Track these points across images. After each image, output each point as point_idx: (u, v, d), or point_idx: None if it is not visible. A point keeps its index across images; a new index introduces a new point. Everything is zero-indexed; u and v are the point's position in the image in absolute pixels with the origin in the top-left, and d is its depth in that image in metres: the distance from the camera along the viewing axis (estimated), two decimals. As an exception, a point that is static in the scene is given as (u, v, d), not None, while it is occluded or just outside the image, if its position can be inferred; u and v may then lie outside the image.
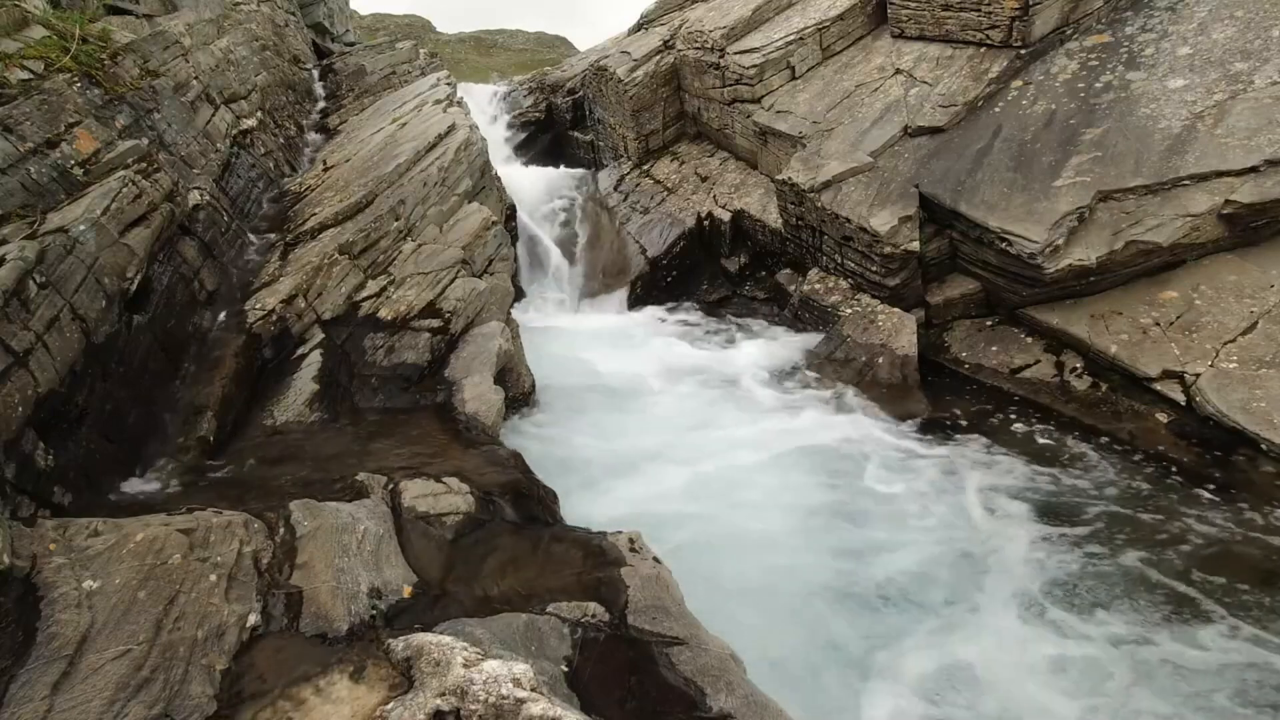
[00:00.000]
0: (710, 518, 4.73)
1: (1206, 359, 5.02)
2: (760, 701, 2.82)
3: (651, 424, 5.92)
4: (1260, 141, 5.29)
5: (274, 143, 8.66)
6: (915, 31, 7.89)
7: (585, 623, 3.05)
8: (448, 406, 5.17)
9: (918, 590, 4.13)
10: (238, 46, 8.92)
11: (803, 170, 7.23)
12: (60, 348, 3.93)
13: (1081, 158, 5.88)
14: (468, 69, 23.32)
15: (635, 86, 9.95)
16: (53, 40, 5.72)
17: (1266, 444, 4.56)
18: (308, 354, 5.47)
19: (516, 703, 2.12)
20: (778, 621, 3.95)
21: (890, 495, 4.91)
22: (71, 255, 4.23)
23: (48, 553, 2.91)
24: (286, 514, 3.37)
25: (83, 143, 5.13)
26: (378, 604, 3.02)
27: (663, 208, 9.43)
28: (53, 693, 2.39)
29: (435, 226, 6.95)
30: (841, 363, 6.47)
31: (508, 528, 3.82)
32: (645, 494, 4.97)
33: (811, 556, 4.40)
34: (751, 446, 5.48)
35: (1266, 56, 5.75)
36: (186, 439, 4.51)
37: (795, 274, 7.91)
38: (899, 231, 6.32)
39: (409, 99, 9.83)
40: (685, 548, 4.35)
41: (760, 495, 4.94)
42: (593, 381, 6.64)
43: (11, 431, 3.48)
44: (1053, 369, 5.77)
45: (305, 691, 2.43)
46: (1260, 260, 5.37)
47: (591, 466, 5.27)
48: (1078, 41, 6.82)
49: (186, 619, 2.73)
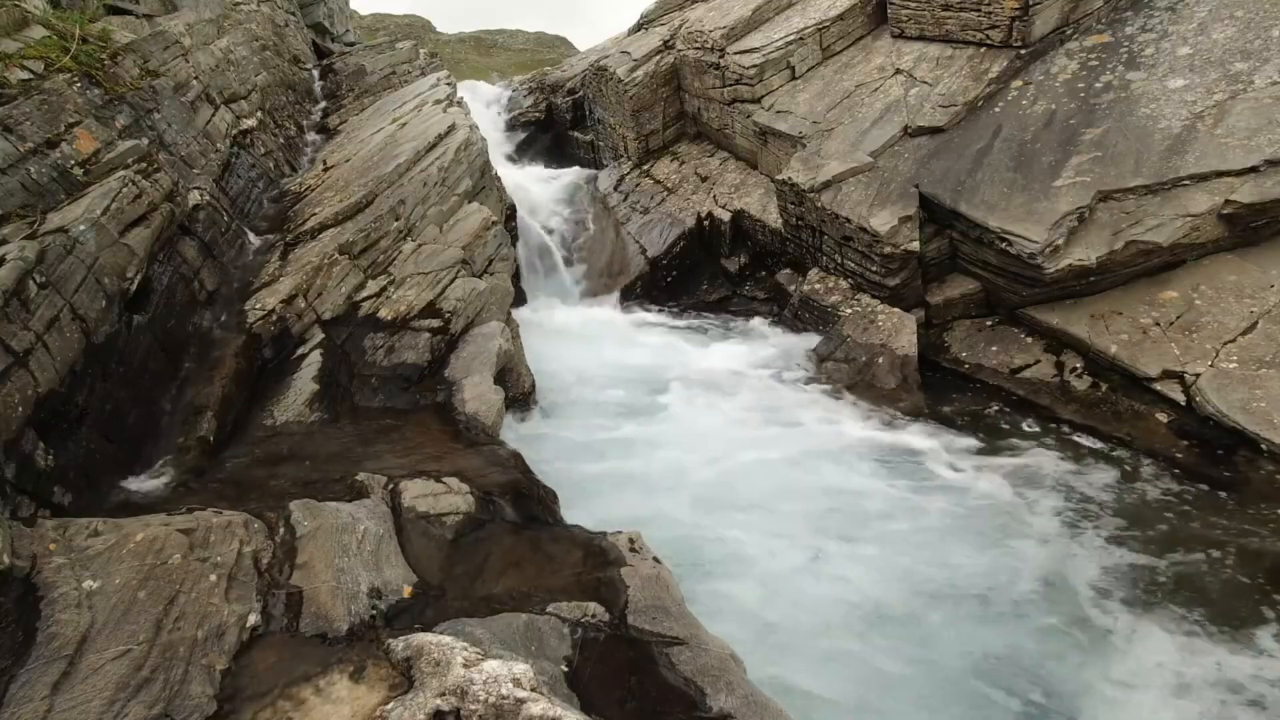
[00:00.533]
0: (710, 517, 4.73)
1: (1206, 359, 5.02)
2: (760, 701, 2.82)
3: (652, 423, 5.92)
4: (1260, 141, 5.29)
5: (274, 143, 8.66)
6: (915, 31, 7.89)
7: (585, 623, 3.05)
8: (448, 406, 5.17)
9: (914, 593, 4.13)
10: (238, 46, 8.92)
11: (803, 170, 7.23)
12: (60, 348, 3.93)
13: (1081, 158, 5.88)
14: (468, 69, 23.31)
15: (635, 86, 9.95)
16: (53, 40, 5.72)
17: (1266, 444, 4.56)
18: (308, 354, 5.47)
19: (516, 703, 2.12)
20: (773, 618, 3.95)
21: (889, 496, 4.91)
22: (71, 255, 4.23)
23: (48, 553, 2.92)
24: (286, 514, 3.37)
25: (83, 143, 5.13)
26: (378, 604, 3.02)
27: (663, 208, 9.43)
28: (53, 693, 2.39)
29: (435, 226, 6.95)
30: (841, 363, 6.47)
31: (508, 528, 3.82)
32: (645, 494, 4.97)
33: (805, 555, 4.40)
34: (751, 446, 5.48)
35: (1266, 56, 5.75)
36: (186, 439, 4.51)
37: (795, 274, 7.91)
38: (899, 231, 6.32)
39: (409, 99, 9.83)
40: (685, 547, 4.35)
41: (759, 495, 4.93)
42: (593, 381, 6.65)
43: (11, 431, 3.48)
44: (1053, 369, 5.77)
45: (305, 691, 2.43)
46: (1260, 260, 5.37)
47: (591, 466, 5.27)
48: (1078, 41, 6.82)
49: (186, 619, 2.73)
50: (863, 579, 4.21)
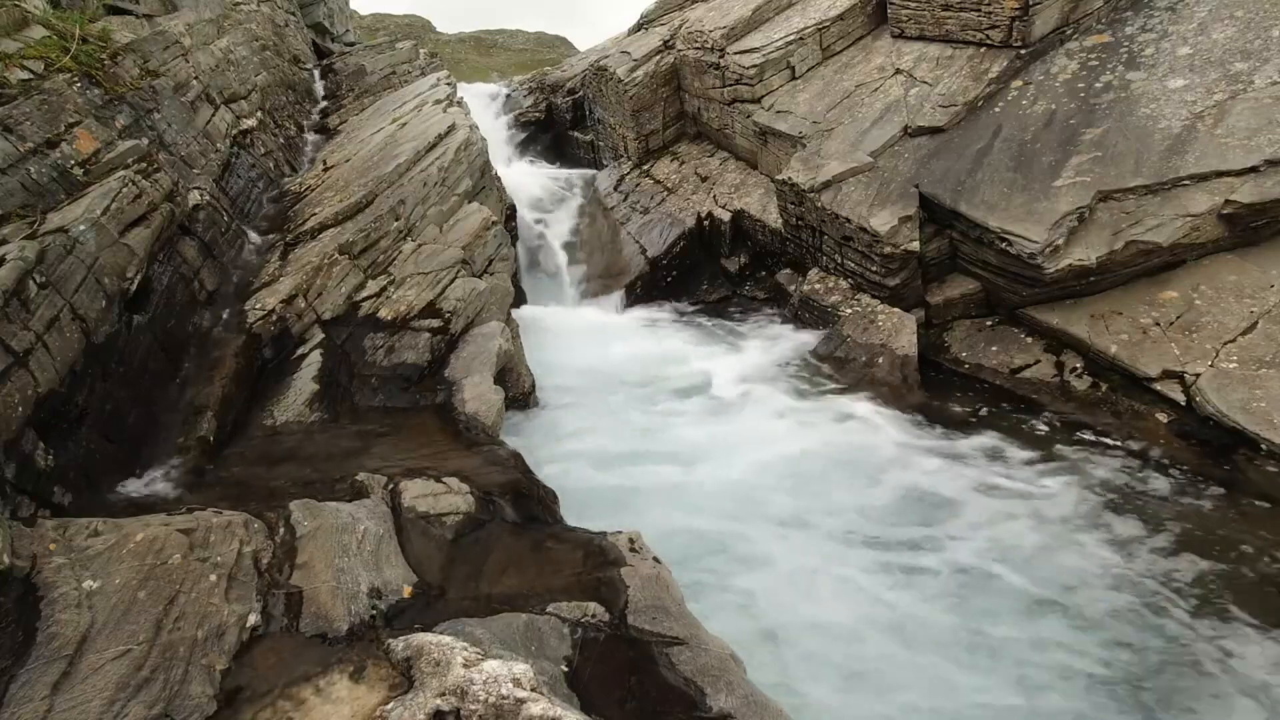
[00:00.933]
0: (709, 517, 4.73)
1: (1206, 359, 5.02)
2: (760, 701, 2.82)
3: (652, 423, 5.92)
4: (1260, 141, 5.29)
5: (274, 143, 8.66)
6: (915, 31, 7.89)
7: (585, 623, 3.05)
8: (448, 406, 5.17)
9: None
10: (238, 46, 8.92)
11: (803, 170, 7.23)
12: (60, 348, 3.93)
13: (1081, 158, 5.88)
14: (468, 69, 23.32)
15: (635, 86, 9.95)
16: (53, 40, 5.72)
17: (1266, 444, 4.56)
18: (308, 354, 5.48)
19: (516, 703, 2.12)
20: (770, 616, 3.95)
21: (888, 495, 4.91)
22: (71, 255, 4.23)
23: (48, 553, 2.92)
24: (286, 514, 3.37)
25: (83, 143, 5.13)
26: (378, 604, 3.02)
27: (663, 208, 9.43)
28: (53, 693, 2.39)
29: (435, 226, 6.95)
30: (841, 363, 6.47)
31: (508, 528, 3.83)
32: (645, 493, 4.97)
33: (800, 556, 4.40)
34: (751, 446, 5.48)
35: (1266, 56, 5.75)
36: (186, 439, 4.51)
37: (795, 274, 7.91)
38: (899, 231, 6.32)
39: (409, 99, 9.83)
40: (685, 547, 4.35)
41: (758, 495, 4.93)
42: (593, 381, 6.64)
43: (11, 431, 3.48)
44: (1053, 369, 5.77)
45: (305, 691, 2.43)
46: (1260, 260, 5.37)
47: (592, 466, 5.27)
48: (1078, 41, 6.82)
49: (186, 619, 2.73)
50: (864, 579, 4.21)
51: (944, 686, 3.53)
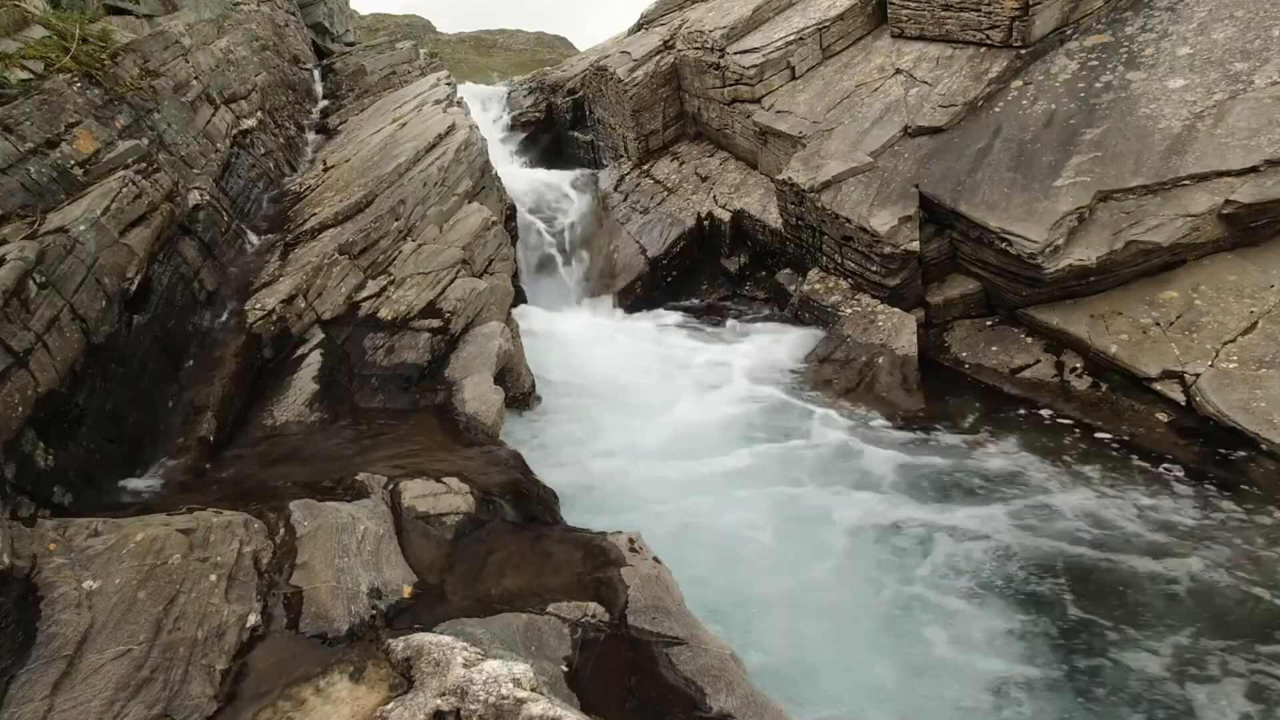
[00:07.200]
0: (710, 517, 4.73)
1: (1206, 359, 5.02)
2: (760, 701, 2.82)
3: (652, 423, 5.92)
4: (1260, 141, 5.29)
5: (274, 143, 8.65)
6: (915, 31, 7.89)
7: (585, 623, 3.05)
8: (448, 406, 5.17)
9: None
10: (238, 46, 8.91)
11: (803, 170, 7.23)
12: (60, 348, 3.93)
13: (1081, 158, 5.88)
14: (468, 69, 23.31)
15: (635, 86, 9.95)
16: (53, 40, 5.71)
17: (1266, 444, 4.56)
18: (308, 354, 5.47)
19: (516, 703, 2.11)
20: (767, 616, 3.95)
21: (886, 495, 4.91)
22: (71, 255, 4.23)
23: (48, 553, 2.91)
24: (286, 514, 3.37)
25: (83, 143, 5.13)
26: (378, 604, 3.02)
27: (663, 208, 9.43)
28: (53, 692, 2.39)
29: (435, 226, 6.94)
30: (841, 363, 6.47)
31: (508, 528, 3.82)
32: (645, 493, 4.97)
33: (805, 555, 4.40)
34: (750, 446, 5.48)
35: (1266, 56, 5.74)
36: (186, 439, 4.51)
37: (795, 274, 7.91)
38: (899, 231, 6.32)
39: (409, 99, 9.83)
40: (685, 547, 4.35)
41: (760, 496, 4.93)
42: (593, 381, 6.64)
43: (11, 431, 3.48)
44: (1053, 369, 5.77)
45: (305, 691, 2.43)
46: (1260, 260, 5.37)
47: (592, 466, 5.27)
48: (1078, 41, 6.82)
49: (186, 619, 2.73)
50: (867, 580, 4.22)
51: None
